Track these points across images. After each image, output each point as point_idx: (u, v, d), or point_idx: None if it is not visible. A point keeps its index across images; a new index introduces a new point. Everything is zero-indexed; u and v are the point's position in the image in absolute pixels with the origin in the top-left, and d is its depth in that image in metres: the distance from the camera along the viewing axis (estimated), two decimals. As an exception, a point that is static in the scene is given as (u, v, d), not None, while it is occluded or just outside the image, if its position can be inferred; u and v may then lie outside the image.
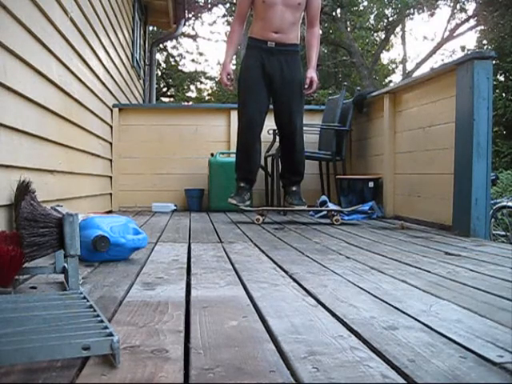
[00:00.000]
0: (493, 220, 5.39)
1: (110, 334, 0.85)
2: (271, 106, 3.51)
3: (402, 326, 1.06)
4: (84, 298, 1.14)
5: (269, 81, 3.38)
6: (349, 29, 18.13)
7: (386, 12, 18.46)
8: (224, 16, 20.92)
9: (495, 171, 10.00)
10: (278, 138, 3.79)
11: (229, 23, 21.49)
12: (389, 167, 4.00)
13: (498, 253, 2.21)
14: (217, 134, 4.96)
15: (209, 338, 0.97)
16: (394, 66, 22.32)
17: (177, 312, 1.15)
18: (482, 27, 16.53)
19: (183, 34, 18.24)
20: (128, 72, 5.94)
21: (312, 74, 3.36)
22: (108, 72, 4.40)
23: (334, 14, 17.75)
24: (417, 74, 15.01)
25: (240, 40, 3.55)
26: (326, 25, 18.58)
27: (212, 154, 4.67)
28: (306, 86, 3.38)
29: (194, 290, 1.39)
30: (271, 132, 4.48)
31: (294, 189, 3.57)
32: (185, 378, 0.78)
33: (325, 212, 3.86)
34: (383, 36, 19.28)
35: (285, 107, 3.42)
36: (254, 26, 3.43)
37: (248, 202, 3.56)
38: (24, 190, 1.86)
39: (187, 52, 21.57)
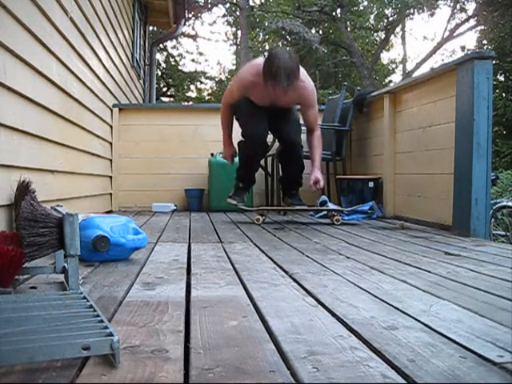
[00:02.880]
0: (493, 220, 5.39)
1: (110, 334, 0.85)
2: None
3: (401, 326, 1.06)
4: (84, 297, 1.14)
5: (269, 110, 3.37)
6: (349, 29, 18.15)
7: (386, 12, 18.48)
8: (224, 16, 20.93)
9: (495, 171, 10.00)
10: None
11: (229, 23, 21.53)
12: (389, 167, 4.00)
13: (498, 253, 2.21)
14: (217, 134, 4.91)
15: (209, 338, 0.97)
16: (394, 65, 22.34)
17: (177, 312, 1.15)
18: (482, 27, 16.54)
19: (183, 34, 18.26)
20: (128, 72, 5.94)
21: (317, 174, 3.31)
22: (108, 72, 4.40)
23: (334, 13, 17.76)
24: (417, 74, 15.01)
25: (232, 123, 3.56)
26: (326, 25, 18.60)
27: (212, 154, 4.67)
28: (312, 187, 3.32)
29: (193, 290, 1.39)
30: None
31: (293, 192, 3.60)
32: (185, 378, 0.78)
33: (325, 212, 3.86)
34: (383, 36, 19.29)
35: (286, 136, 3.42)
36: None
37: (245, 200, 3.60)
38: (24, 189, 1.86)
39: (187, 52, 21.60)
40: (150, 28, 10.45)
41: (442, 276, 1.63)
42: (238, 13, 19.06)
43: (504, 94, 13.95)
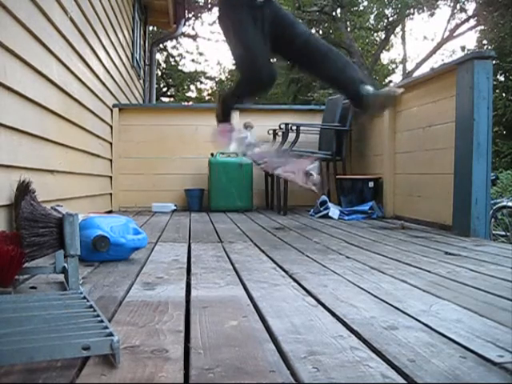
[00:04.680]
0: (493, 220, 5.39)
1: (110, 334, 0.85)
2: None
3: (402, 326, 1.06)
4: (84, 297, 1.14)
5: (268, 28, 2.70)
6: (349, 29, 18.13)
7: (386, 12, 18.45)
8: (224, 16, 20.83)
9: (495, 171, 9.99)
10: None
11: (229, 23, 21.43)
12: (389, 167, 4.00)
13: (498, 253, 2.21)
14: (217, 134, 4.95)
15: (209, 338, 0.97)
16: (394, 66, 22.32)
17: (177, 312, 1.15)
18: (482, 27, 16.52)
19: (183, 34, 18.22)
20: (128, 72, 5.93)
21: None
22: (108, 72, 4.39)
23: (334, 13, 17.75)
24: (417, 73, 15.00)
25: None
26: (326, 25, 18.58)
27: (212, 154, 4.67)
28: None
29: (193, 290, 1.39)
30: (271, 132, 4.48)
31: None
32: (185, 377, 0.78)
33: (325, 212, 3.86)
34: (383, 36, 19.28)
35: (295, 29, 2.79)
36: None
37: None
38: (24, 190, 1.86)
39: (187, 52, 21.53)
40: (150, 28, 10.45)
41: (442, 276, 1.63)
42: (237, 13, 19.01)
43: (504, 94, 13.94)
